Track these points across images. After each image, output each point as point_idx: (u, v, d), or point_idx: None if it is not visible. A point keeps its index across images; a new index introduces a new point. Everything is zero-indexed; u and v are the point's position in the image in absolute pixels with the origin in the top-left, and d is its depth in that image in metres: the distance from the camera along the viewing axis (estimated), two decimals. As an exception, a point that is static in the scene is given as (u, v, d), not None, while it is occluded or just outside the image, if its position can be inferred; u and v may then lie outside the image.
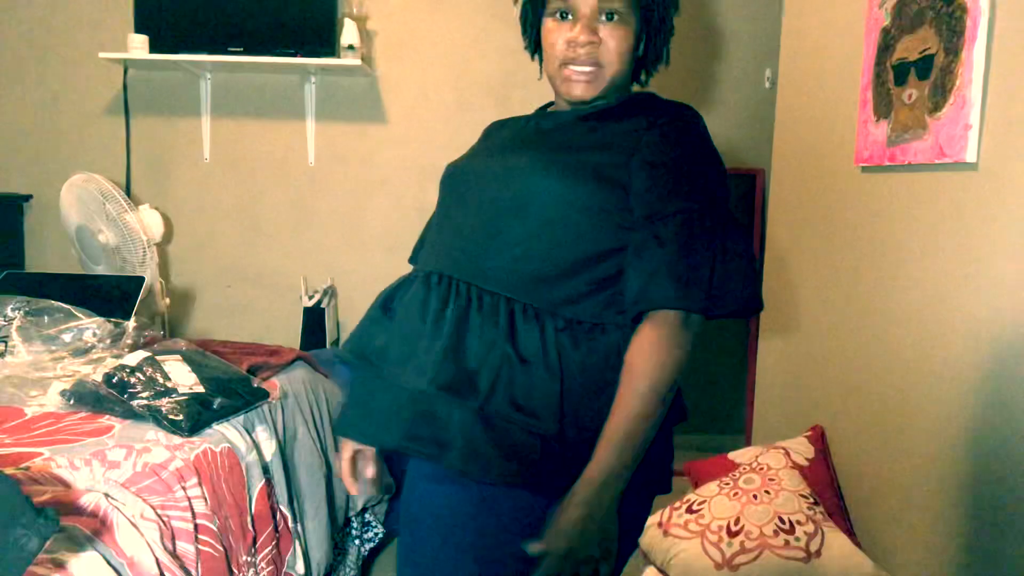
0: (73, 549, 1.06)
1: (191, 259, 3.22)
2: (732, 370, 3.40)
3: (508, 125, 1.24)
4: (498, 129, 1.25)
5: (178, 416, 1.50)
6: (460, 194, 1.12)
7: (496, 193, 1.07)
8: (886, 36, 1.73)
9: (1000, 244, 1.36)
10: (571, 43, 1.09)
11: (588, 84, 1.10)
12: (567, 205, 1.03)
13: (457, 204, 1.12)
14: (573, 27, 1.09)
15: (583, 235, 1.03)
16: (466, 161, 1.17)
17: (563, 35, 1.09)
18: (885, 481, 1.74)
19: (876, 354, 1.78)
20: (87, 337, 1.88)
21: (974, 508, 1.43)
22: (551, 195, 1.04)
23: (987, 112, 1.39)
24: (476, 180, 1.10)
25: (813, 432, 2.02)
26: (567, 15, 1.10)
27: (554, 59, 1.12)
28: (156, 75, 3.15)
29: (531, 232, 1.04)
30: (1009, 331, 1.34)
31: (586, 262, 1.03)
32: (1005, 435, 1.35)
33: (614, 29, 1.09)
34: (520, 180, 1.06)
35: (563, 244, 1.03)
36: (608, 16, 1.09)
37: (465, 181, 1.12)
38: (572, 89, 1.11)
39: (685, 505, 1.86)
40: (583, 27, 1.08)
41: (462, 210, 1.10)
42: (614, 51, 1.10)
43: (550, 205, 1.04)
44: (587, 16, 1.08)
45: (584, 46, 1.08)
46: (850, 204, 1.93)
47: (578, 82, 1.10)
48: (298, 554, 1.74)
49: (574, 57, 1.09)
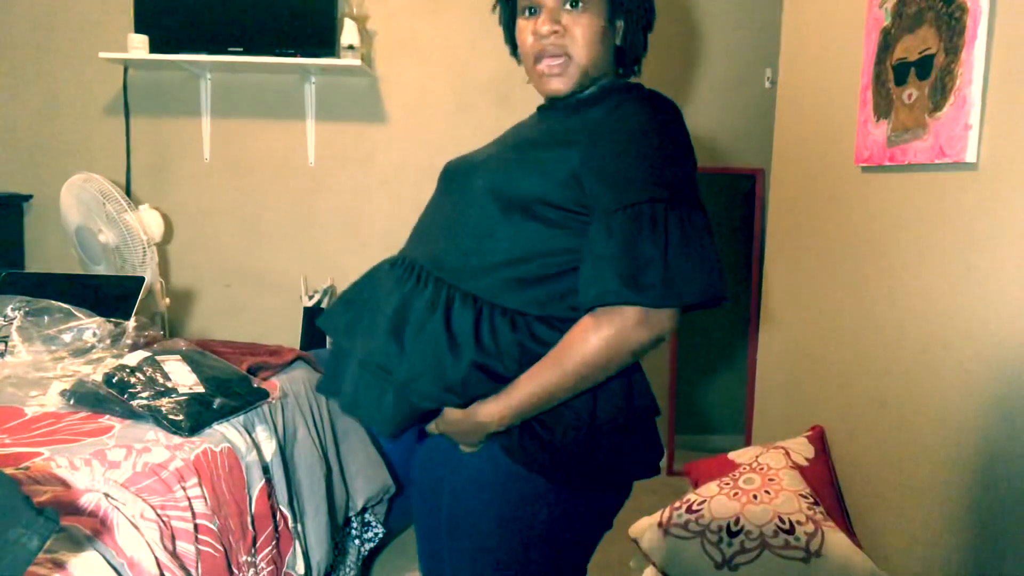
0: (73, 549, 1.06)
1: (191, 259, 3.22)
2: (732, 370, 3.40)
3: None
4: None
5: (178, 416, 1.50)
6: (442, 186, 1.17)
7: (463, 186, 1.11)
8: (886, 36, 1.73)
9: (1000, 244, 1.36)
10: (537, 36, 1.09)
11: (560, 76, 1.10)
12: (510, 200, 1.05)
13: (439, 195, 1.17)
14: (537, 20, 1.10)
15: (523, 229, 1.04)
16: (446, 171, 1.20)
17: (531, 30, 1.11)
18: (885, 481, 1.74)
19: (876, 354, 1.78)
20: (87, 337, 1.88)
21: (974, 508, 1.43)
22: (497, 190, 1.06)
23: (987, 112, 1.39)
24: (455, 174, 1.16)
25: (813, 432, 2.02)
26: (535, 11, 1.11)
27: (528, 56, 1.13)
28: (156, 75, 3.15)
29: (479, 224, 1.07)
30: (1009, 331, 1.34)
31: (526, 256, 1.04)
32: (1006, 435, 1.35)
33: (579, 16, 1.09)
34: (479, 175, 1.09)
35: (504, 237, 1.05)
36: (572, 4, 1.09)
37: (448, 174, 1.18)
38: (546, 84, 1.12)
39: (685, 505, 1.86)
40: (546, 18, 1.09)
41: (440, 201, 1.16)
42: (580, 39, 1.09)
43: (495, 199, 1.06)
44: (551, 7, 1.09)
45: (547, 36, 1.08)
46: (850, 204, 1.93)
47: (550, 76, 1.11)
48: (298, 554, 1.74)
49: (542, 50, 1.10)
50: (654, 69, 3.19)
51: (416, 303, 1.06)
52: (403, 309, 1.06)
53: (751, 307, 3.26)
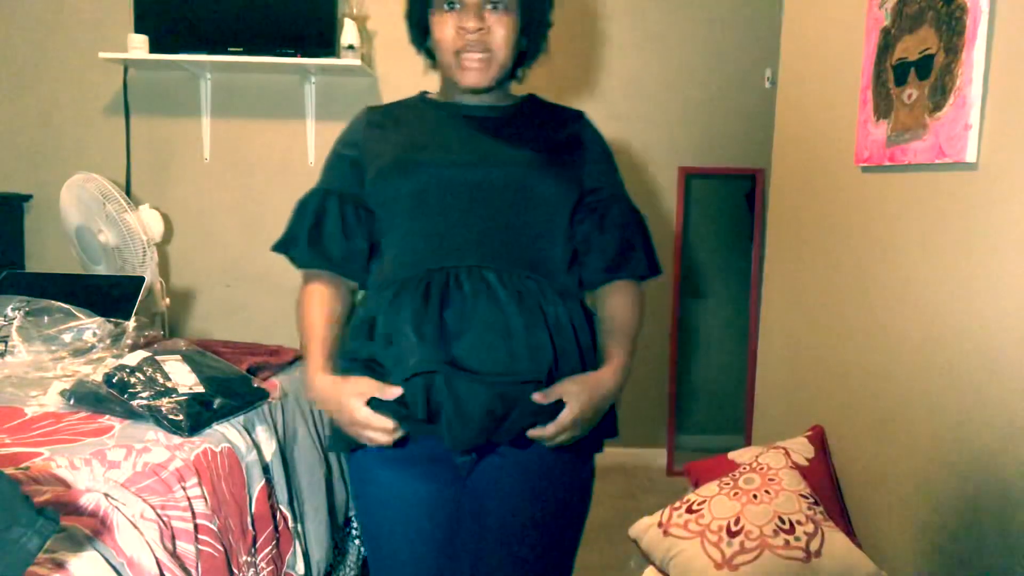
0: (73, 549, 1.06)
1: (191, 259, 3.23)
2: (732, 370, 3.40)
3: (430, 119, 1.25)
4: (417, 122, 1.26)
5: (178, 416, 1.50)
6: (461, 199, 1.16)
7: (508, 194, 1.17)
8: (886, 36, 1.73)
9: (1000, 244, 1.36)
10: (462, 31, 1.15)
11: (482, 71, 1.18)
12: (558, 198, 1.20)
13: (461, 208, 1.16)
14: (462, 16, 1.16)
15: (565, 221, 1.21)
16: (441, 168, 1.17)
17: (452, 24, 1.16)
18: (885, 481, 1.74)
19: (876, 354, 1.79)
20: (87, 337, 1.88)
21: (975, 508, 1.43)
22: (551, 192, 1.19)
23: (987, 112, 1.39)
24: (478, 187, 1.16)
25: (813, 432, 2.02)
26: (454, 5, 1.16)
27: (448, 49, 1.18)
28: (156, 75, 3.15)
29: (538, 222, 1.18)
30: (1009, 330, 1.34)
31: (566, 243, 1.22)
32: (1006, 435, 1.35)
33: (500, 17, 1.17)
34: (527, 182, 1.18)
35: (558, 229, 1.20)
36: (493, 5, 1.16)
37: (461, 188, 1.16)
38: (468, 76, 1.18)
39: (685, 505, 1.86)
40: (472, 15, 1.15)
41: (462, 213, 1.16)
42: (502, 38, 1.17)
43: (550, 200, 1.19)
44: (473, 4, 1.15)
45: (474, 32, 1.15)
46: (850, 204, 1.93)
47: (472, 69, 1.17)
48: (298, 554, 1.74)
49: (465, 44, 1.16)
50: (655, 69, 3.19)
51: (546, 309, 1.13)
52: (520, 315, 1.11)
53: (751, 307, 3.26)
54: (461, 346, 1.08)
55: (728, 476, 1.91)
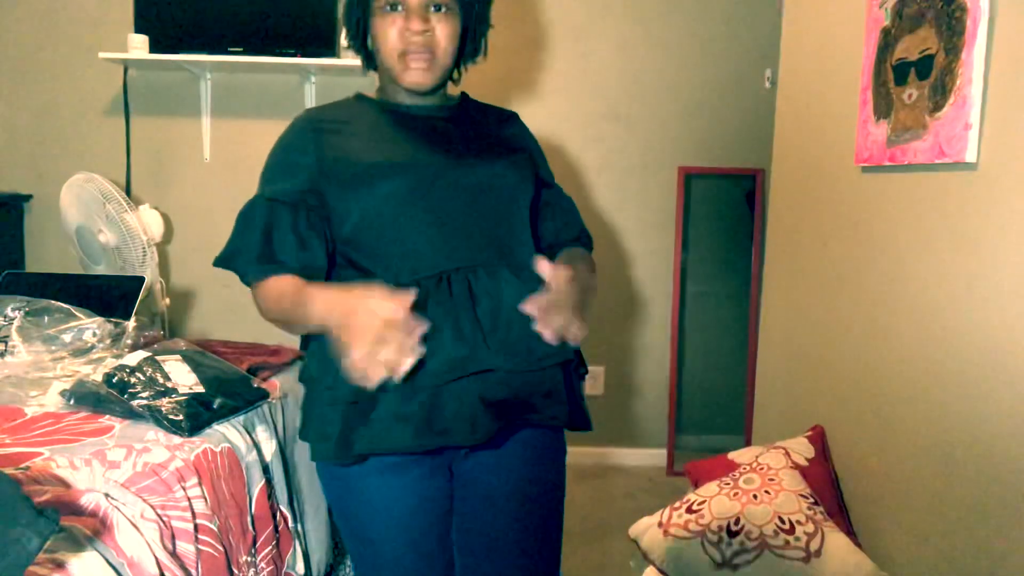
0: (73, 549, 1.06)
1: (191, 259, 3.23)
2: (732, 370, 3.40)
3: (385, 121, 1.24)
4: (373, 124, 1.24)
5: (178, 416, 1.50)
6: (454, 199, 1.18)
7: (492, 192, 1.22)
8: (886, 36, 1.73)
9: (1000, 244, 1.36)
10: (404, 33, 1.17)
11: (426, 71, 1.19)
12: (527, 193, 1.27)
13: (456, 208, 1.18)
14: (406, 18, 1.17)
15: (527, 213, 1.28)
16: (427, 169, 1.18)
17: (396, 26, 1.17)
18: (885, 481, 1.74)
19: (876, 354, 1.79)
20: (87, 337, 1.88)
21: (975, 508, 1.43)
22: (523, 188, 1.26)
23: (987, 112, 1.39)
24: (465, 187, 1.19)
25: (813, 432, 2.02)
26: (397, 7, 1.17)
27: (391, 50, 1.19)
28: (156, 75, 3.15)
29: (516, 217, 1.24)
30: (1009, 330, 1.34)
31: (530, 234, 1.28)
32: (1006, 434, 1.35)
33: (442, 20, 1.19)
34: (507, 179, 1.23)
35: (526, 222, 1.26)
36: (436, 8, 1.18)
37: (451, 188, 1.18)
38: (411, 76, 1.19)
39: (685, 505, 1.86)
40: (416, 17, 1.17)
41: (459, 213, 1.18)
42: (444, 39, 1.20)
43: (523, 195, 1.26)
44: (416, 7, 1.17)
45: (419, 34, 1.17)
46: (850, 204, 1.93)
47: (417, 69, 1.19)
48: (298, 554, 1.74)
49: (409, 46, 1.18)
50: (655, 69, 3.19)
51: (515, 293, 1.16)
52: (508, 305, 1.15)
53: (751, 307, 3.26)
54: (498, 341, 1.14)
55: (728, 476, 1.91)
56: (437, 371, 1.11)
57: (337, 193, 1.17)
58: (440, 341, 1.10)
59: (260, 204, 1.19)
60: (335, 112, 1.26)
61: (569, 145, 3.19)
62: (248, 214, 1.20)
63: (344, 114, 1.25)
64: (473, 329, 1.12)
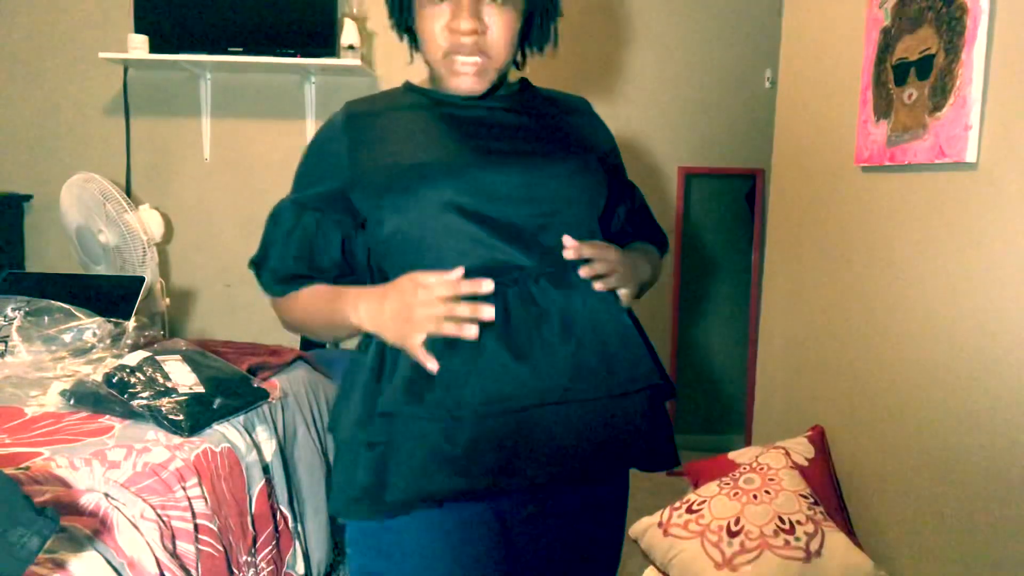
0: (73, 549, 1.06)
1: (191, 259, 3.22)
2: (732, 370, 3.40)
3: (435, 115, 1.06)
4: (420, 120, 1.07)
5: (178, 416, 1.50)
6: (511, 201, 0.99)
7: (559, 198, 1.02)
8: (886, 36, 1.73)
9: (1000, 244, 1.36)
10: (452, 30, 0.97)
11: (477, 78, 1.01)
12: (600, 190, 1.09)
13: (513, 211, 0.99)
14: (455, 12, 0.97)
15: (600, 212, 1.10)
16: (483, 171, 1.00)
17: (443, 21, 0.98)
18: (885, 481, 1.74)
19: (876, 354, 1.78)
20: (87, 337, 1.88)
21: (974, 508, 1.43)
22: (602, 189, 1.09)
23: (987, 112, 1.39)
24: (525, 186, 1.00)
25: (813, 432, 2.02)
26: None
27: (436, 48, 1.00)
28: (156, 75, 3.15)
29: (587, 224, 1.06)
30: (1009, 330, 1.34)
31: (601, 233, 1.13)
32: (1005, 434, 1.35)
33: (501, 13, 0.99)
34: (575, 183, 1.04)
35: (595, 222, 1.08)
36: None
37: (498, 195, 0.99)
38: (459, 83, 1.01)
39: (685, 505, 1.86)
40: (467, 13, 0.96)
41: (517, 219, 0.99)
42: (502, 40, 1.00)
43: (599, 198, 1.08)
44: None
45: (468, 35, 0.97)
46: (850, 204, 1.93)
47: (465, 75, 1.00)
48: (298, 554, 1.74)
49: (458, 47, 0.98)
50: (655, 69, 3.19)
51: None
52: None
53: (751, 307, 3.26)
54: (568, 361, 0.94)
55: (728, 476, 1.91)
56: (489, 399, 0.91)
57: (371, 199, 1.01)
58: (492, 362, 0.92)
59: (287, 208, 1.08)
60: (378, 105, 1.10)
61: (569, 145, 3.19)
62: (276, 218, 1.10)
63: (388, 108, 1.09)
64: (536, 347, 0.93)
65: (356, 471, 0.96)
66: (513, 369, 0.92)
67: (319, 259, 1.06)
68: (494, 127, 1.06)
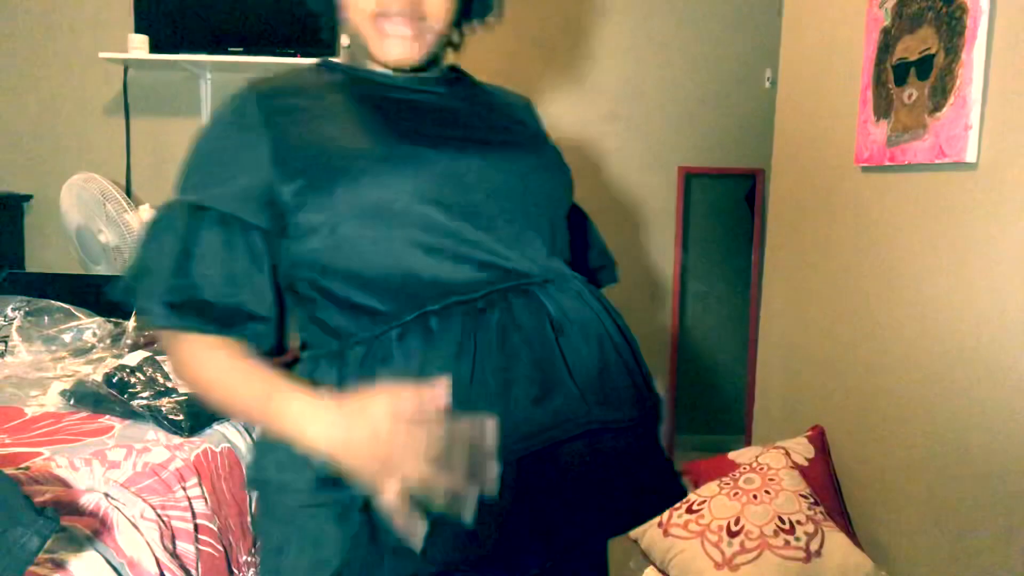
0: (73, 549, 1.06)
1: (191, 259, 3.22)
2: (732, 370, 3.40)
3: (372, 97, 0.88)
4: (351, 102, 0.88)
5: (178, 416, 1.50)
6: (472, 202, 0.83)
7: (539, 192, 0.89)
8: (886, 36, 1.73)
9: (1000, 244, 1.36)
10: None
11: (412, 43, 0.84)
12: (569, 185, 0.96)
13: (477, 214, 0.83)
14: None
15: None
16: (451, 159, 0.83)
17: None
18: (885, 481, 1.74)
19: (876, 354, 1.78)
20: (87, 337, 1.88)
21: (975, 508, 1.43)
22: (572, 190, 0.96)
23: (987, 112, 1.39)
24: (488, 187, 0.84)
25: (813, 432, 2.02)
26: None
27: (363, 11, 0.84)
28: (156, 75, 3.15)
29: (561, 226, 0.93)
30: (1009, 330, 1.34)
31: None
32: (1005, 434, 1.35)
33: None
34: (554, 175, 0.92)
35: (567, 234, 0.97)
36: None
37: (471, 188, 0.83)
38: (390, 50, 0.85)
39: (685, 505, 1.86)
40: None
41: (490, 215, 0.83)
42: (440, 2, 0.85)
43: (571, 198, 0.96)
44: None
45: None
46: (850, 204, 1.93)
47: (397, 39, 0.84)
48: (298, 554, 1.74)
49: (388, 8, 0.83)
50: (655, 69, 3.19)
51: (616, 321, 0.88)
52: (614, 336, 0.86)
53: (751, 307, 3.26)
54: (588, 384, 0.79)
55: (728, 476, 1.91)
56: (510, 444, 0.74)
57: (306, 197, 0.79)
58: (476, 401, 0.74)
59: (181, 215, 0.80)
60: (294, 85, 0.92)
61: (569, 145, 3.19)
62: (162, 229, 0.80)
63: (307, 88, 0.91)
64: (540, 374, 0.76)
65: (319, 550, 0.76)
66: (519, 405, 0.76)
67: (222, 292, 0.78)
68: (445, 111, 0.89)
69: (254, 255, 0.80)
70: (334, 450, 0.72)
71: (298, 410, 0.74)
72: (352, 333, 0.81)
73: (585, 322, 0.82)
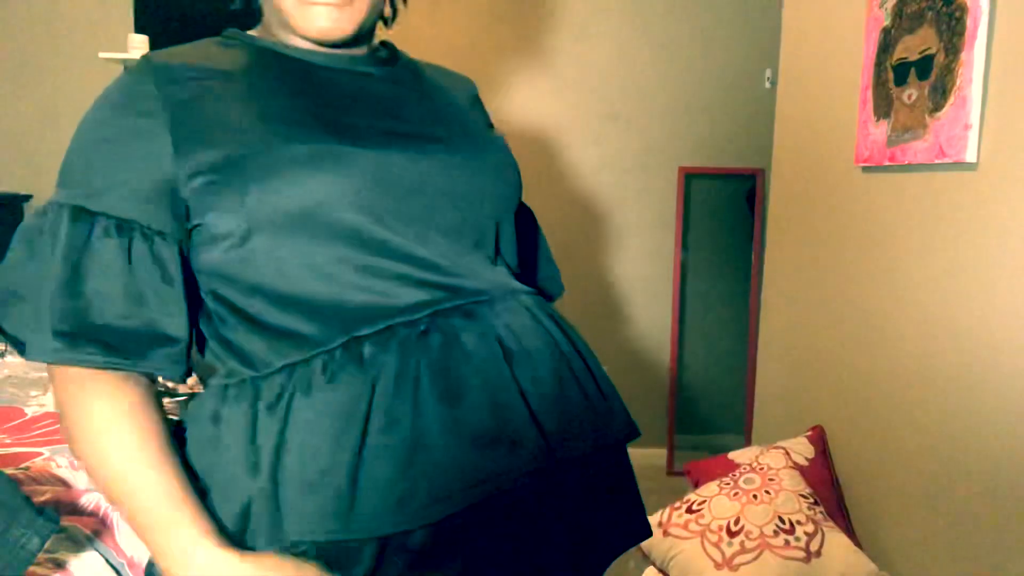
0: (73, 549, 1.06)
1: (191, 259, 3.23)
2: (732, 370, 3.40)
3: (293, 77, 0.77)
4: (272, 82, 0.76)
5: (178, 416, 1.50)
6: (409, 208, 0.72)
7: (471, 194, 0.76)
8: (886, 36, 1.73)
9: (1000, 244, 1.36)
10: None
11: (341, 13, 0.74)
12: (519, 181, 0.85)
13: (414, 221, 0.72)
14: None
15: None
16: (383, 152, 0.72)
17: None
18: (885, 481, 1.74)
19: (876, 354, 1.79)
20: (87, 337, 1.88)
21: (975, 508, 1.43)
22: (517, 180, 0.84)
23: (987, 112, 1.39)
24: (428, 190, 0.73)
25: (813, 432, 2.02)
26: None
27: None
28: (156, 75, 3.15)
29: (508, 231, 0.83)
30: (1009, 330, 1.34)
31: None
32: (1006, 434, 1.35)
33: None
34: (492, 174, 0.80)
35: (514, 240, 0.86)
36: None
37: (408, 192, 0.72)
38: (313, 21, 0.73)
39: (685, 505, 1.86)
40: None
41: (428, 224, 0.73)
42: None
43: (519, 196, 0.85)
44: None
45: None
46: (850, 204, 1.93)
47: (323, 9, 0.73)
48: (298, 554, 1.74)
49: None
50: (655, 69, 3.19)
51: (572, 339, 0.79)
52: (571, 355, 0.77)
53: (751, 307, 3.26)
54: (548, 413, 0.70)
55: (728, 476, 1.91)
56: (435, 497, 0.63)
57: (212, 197, 0.67)
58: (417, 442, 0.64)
59: (64, 221, 0.66)
60: (199, 60, 0.77)
61: (569, 145, 3.19)
62: (41, 239, 0.67)
63: (215, 64, 0.77)
64: (492, 407, 0.67)
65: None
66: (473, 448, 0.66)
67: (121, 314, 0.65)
68: (379, 98, 0.78)
69: (161, 265, 0.67)
70: None
71: (201, 562, 0.62)
72: (268, 361, 0.69)
73: (539, 346, 0.73)
